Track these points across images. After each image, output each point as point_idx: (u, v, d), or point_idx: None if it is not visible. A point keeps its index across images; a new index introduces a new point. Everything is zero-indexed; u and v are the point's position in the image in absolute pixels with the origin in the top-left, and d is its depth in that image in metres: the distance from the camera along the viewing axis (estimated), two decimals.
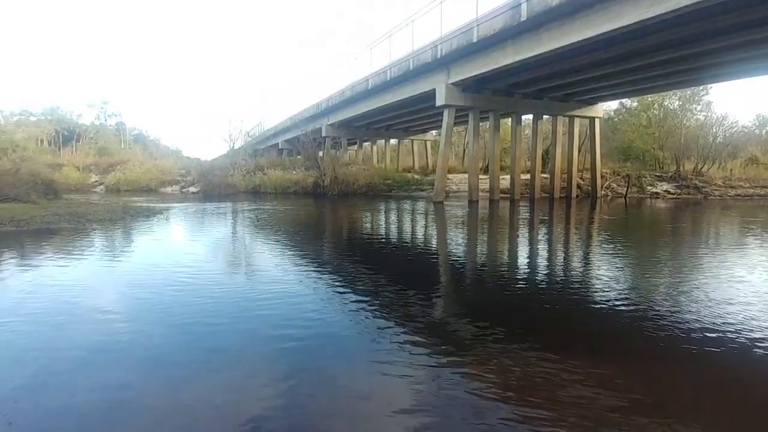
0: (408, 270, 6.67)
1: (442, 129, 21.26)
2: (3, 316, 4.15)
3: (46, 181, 18.62)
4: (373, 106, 25.65)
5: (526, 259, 7.64)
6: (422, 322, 4.05)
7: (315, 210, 17.86)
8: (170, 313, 4.31)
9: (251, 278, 6.05)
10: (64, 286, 5.33)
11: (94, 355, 3.31)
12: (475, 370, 3.02)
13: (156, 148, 59.27)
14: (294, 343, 3.54)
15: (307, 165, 30.26)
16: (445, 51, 17.90)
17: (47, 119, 46.95)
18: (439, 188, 21.01)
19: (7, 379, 2.90)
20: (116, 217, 12.64)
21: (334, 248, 9.00)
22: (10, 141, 35.58)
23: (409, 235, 10.96)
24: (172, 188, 30.60)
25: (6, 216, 11.25)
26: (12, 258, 7.40)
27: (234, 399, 2.67)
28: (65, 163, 34.18)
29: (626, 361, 3.29)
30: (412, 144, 41.54)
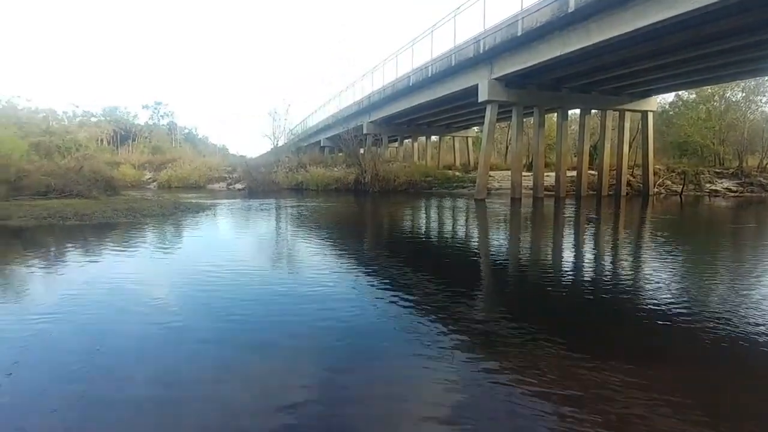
0: (449, 268, 6.61)
1: (485, 125, 20.87)
2: (69, 306, 4.46)
3: (105, 179, 19.82)
4: (414, 103, 25.53)
5: (571, 260, 7.39)
6: (462, 321, 4.00)
7: (356, 207, 18.03)
8: (216, 305, 4.49)
9: (294, 273, 6.19)
10: (121, 278, 5.66)
11: (145, 342, 3.50)
12: (513, 371, 2.95)
13: (204, 146, 61.82)
14: (333, 338, 3.60)
15: (349, 162, 30.55)
16: (488, 45, 17.54)
17: (106, 120, 49.94)
18: (481, 185, 20.66)
19: (70, 362, 3.12)
20: (168, 213, 13.27)
21: (375, 245, 9.06)
22: (74, 141, 38.06)
23: (450, 233, 10.85)
24: (219, 185, 31.74)
25: (71, 211, 12.08)
26: (77, 251, 7.94)
27: (271, 389, 2.74)
28: (122, 161, 36.17)
29: (684, 370, 3.12)
30: (454, 140, 41.05)
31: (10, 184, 15.67)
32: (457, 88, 21.09)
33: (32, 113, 42.33)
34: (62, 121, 45.41)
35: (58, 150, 30.00)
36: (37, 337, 3.61)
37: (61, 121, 45.04)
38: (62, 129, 42.45)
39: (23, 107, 42.02)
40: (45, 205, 12.98)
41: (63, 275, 5.93)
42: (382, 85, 27.82)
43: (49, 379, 2.91)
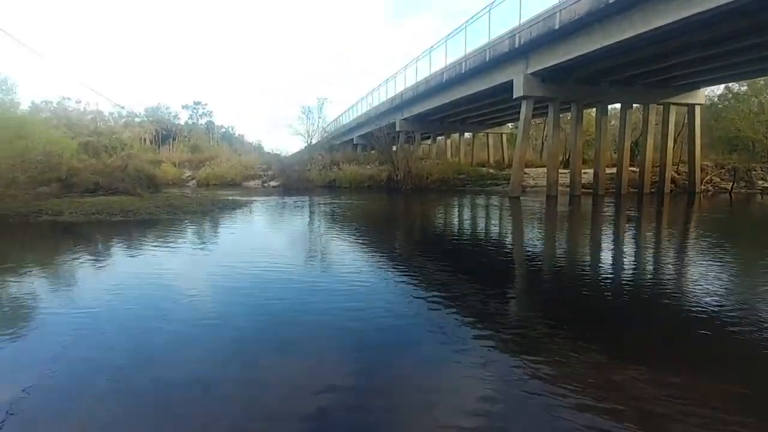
0: (483, 267, 6.51)
1: (520, 121, 20.42)
2: (114, 296, 4.67)
3: (148, 177, 20.65)
4: (447, 100, 25.27)
5: (609, 261, 7.13)
6: (497, 323, 3.92)
7: (388, 204, 18.04)
8: (251, 298, 4.60)
9: (326, 269, 6.24)
10: (163, 271, 5.88)
11: (183, 334, 3.61)
12: (550, 379, 2.86)
13: (240, 145, 63.34)
14: (364, 334, 3.60)
15: (381, 160, 30.59)
16: (523, 40, 17.13)
17: (149, 120, 51.94)
18: (516, 183, 20.25)
19: (116, 347, 3.26)
20: (206, 210, 13.68)
21: (407, 243, 9.03)
22: (119, 140, 39.83)
23: (483, 231, 10.68)
24: (255, 182, 32.44)
25: (117, 208, 12.64)
26: (122, 245, 8.30)
27: (303, 379, 2.77)
28: (164, 159, 37.55)
29: (739, 385, 2.94)
30: (487, 137, 40.40)
31: (62, 181, 16.56)
32: (492, 84, 20.71)
33: (81, 114, 44.59)
34: (108, 121, 47.59)
35: (105, 149, 31.46)
36: (87, 322, 3.83)
37: (107, 122, 47.21)
38: (108, 129, 44.49)
39: (73, 108, 44.32)
40: (93, 202, 13.63)
41: (109, 268, 6.22)
42: (415, 82, 27.68)
43: (97, 359, 3.07)
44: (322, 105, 38.42)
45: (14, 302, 4.69)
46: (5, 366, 3.13)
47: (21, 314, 4.30)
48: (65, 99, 44.84)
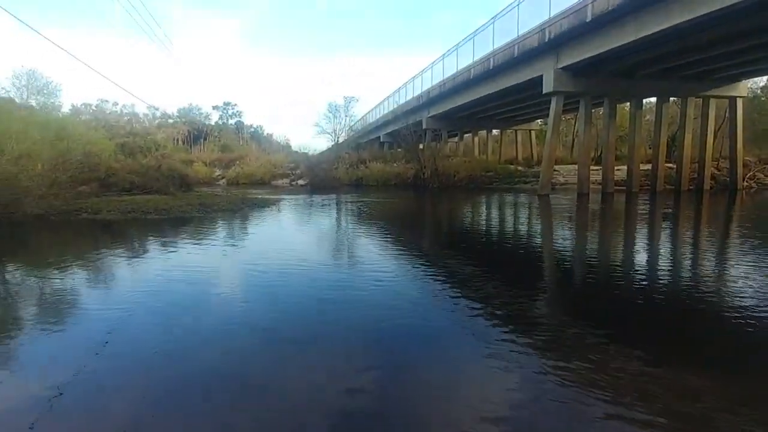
0: (511, 267, 6.40)
1: (549, 117, 19.95)
2: (149, 289, 4.82)
3: (180, 176, 21.23)
4: (474, 97, 24.96)
5: (644, 260, 6.88)
6: (526, 324, 3.84)
7: (415, 202, 17.98)
8: (280, 293, 4.67)
9: (354, 266, 6.26)
10: (196, 267, 6.03)
11: (217, 327, 3.69)
12: (581, 384, 2.77)
13: (269, 144, 64.32)
14: (391, 330, 3.59)
15: (408, 158, 30.52)
16: (554, 33, 16.73)
17: (181, 121, 53.42)
18: (545, 180, 19.82)
19: (155, 344, 3.35)
20: (236, 208, 13.97)
21: (434, 240, 8.97)
22: (153, 141, 41.12)
23: (512, 230, 10.50)
24: (283, 181, 32.91)
25: (151, 206, 13.06)
26: (157, 242, 8.57)
27: (329, 374, 2.78)
28: (195, 159, 38.55)
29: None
30: (516, 134, 39.70)
31: (101, 181, 17.21)
32: (521, 80, 20.32)
33: (118, 116, 46.27)
34: (143, 122, 49.21)
35: (140, 150, 32.55)
36: (124, 315, 3.98)
37: (142, 123, 48.83)
38: (143, 130, 46.00)
39: (110, 111, 46.02)
40: (129, 201, 14.12)
41: (144, 264, 6.43)
42: (442, 80, 27.44)
43: (147, 329, 3.24)
44: (349, 104, 38.66)
45: (57, 296, 4.92)
46: (52, 354, 3.29)
47: (64, 307, 4.50)
48: (103, 101, 46.66)
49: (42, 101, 24.53)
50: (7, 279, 5.82)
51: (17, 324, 4.03)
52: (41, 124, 15.85)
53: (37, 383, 2.80)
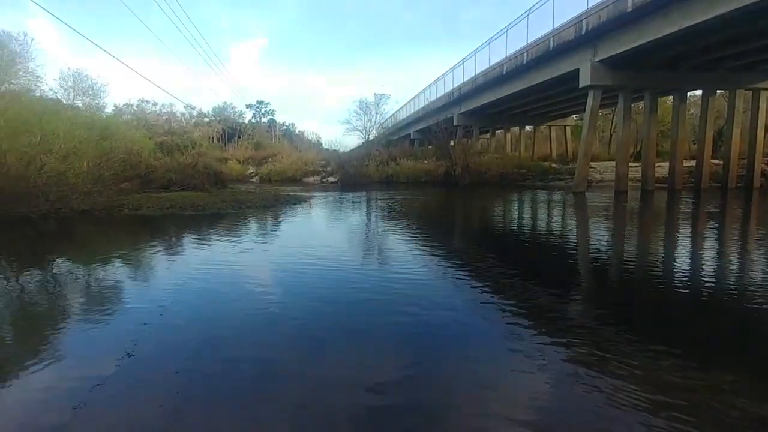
0: (541, 265, 6.23)
1: (586, 112, 19.36)
2: (186, 282, 4.95)
3: (215, 173, 21.77)
4: (507, 92, 24.49)
5: (686, 263, 6.55)
6: (562, 327, 3.72)
7: (446, 200, 17.82)
8: (310, 290, 4.70)
9: (383, 264, 6.25)
10: (229, 262, 6.16)
11: (249, 323, 3.75)
12: (622, 392, 2.65)
13: (300, 141, 65.11)
14: (420, 331, 3.55)
15: (438, 155, 30.30)
16: (591, 25, 16.19)
17: (216, 120, 54.75)
18: (580, 177, 19.26)
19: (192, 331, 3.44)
20: (269, 204, 14.22)
21: (464, 239, 8.86)
22: (190, 139, 42.32)
23: (544, 228, 10.24)
24: (314, 178, 33.28)
25: (188, 202, 13.47)
26: (193, 237, 8.82)
27: (359, 372, 2.76)
28: (229, 157, 39.44)
29: None
30: (550, 130, 38.73)
31: (141, 178, 17.86)
32: (556, 74, 19.78)
33: (157, 115, 47.83)
34: (180, 121, 50.69)
35: (178, 148, 33.53)
36: (169, 300, 4.17)
37: (179, 122, 50.30)
38: (181, 129, 47.37)
39: (150, 111, 47.63)
40: (167, 197, 14.59)
41: (182, 257, 6.63)
42: (474, 75, 27.07)
43: (185, 320, 3.53)
44: (379, 101, 38.68)
45: (102, 286, 5.15)
46: (99, 340, 3.47)
47: (108, 297, 4.70)
48: (144, 102, 48.30)
49: (87, 102, 25.62)
50: (61, 271, 6.11)
51: (71, 312, 4.23)
52: (87, 124, 16.54)
53: (92, 363, 2.93)
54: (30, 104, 14.15)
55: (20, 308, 4.52)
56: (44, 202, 11.50)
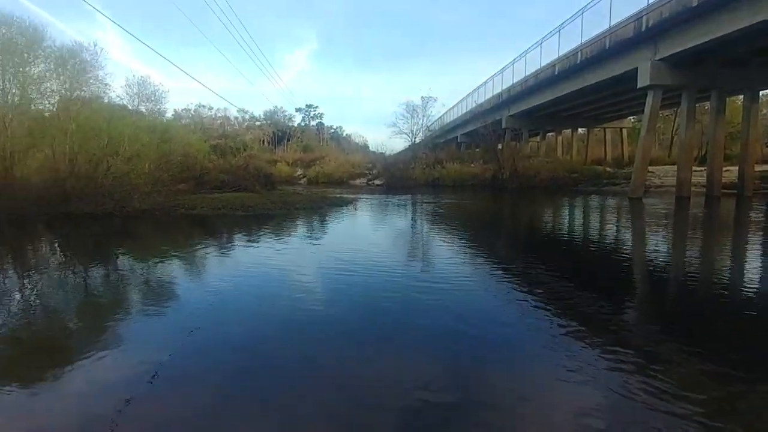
0: (593, 274, 5.92)
1: (645, 113, 18.33)
2: (238, 280, 5.12)
3: (265, 175, 22.46)
4: (559, 93, 23.68)
5: (757, 279, 6.02)
6: (609, 332, 3.51)
7: (492, 204, 17.46)
8: (354, 291, 4.72)
9: (428, 268, 6.18)
10: (276, 262, 6.31)
11: (295, 322, 3.81)
12: (668, 393, 2.45)
13: (348, 144, 66.20)
14: (464, 339, 3.46)
15: (486, 158, 29.81)
16: (652, 22, 15.35)
17: (267, 123, 56.70)
18: (638, 182, 18.25)
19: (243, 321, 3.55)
20: (316, 206, 14.50)
21: (511, 245, 8.62)
22: (242, 142, 44.00)
23: (596, 235, 9.77)
24: (360, 180, 33.65)
25: (239, 203, 13.98)
26: (243, 236, 9.13)
27: (402, 376, 2.72)
28: (279, 159, 40.66)
29: None
30: (604, 132, 37.10)
31: (196, 179, 18.72)
32: (612, 74, 18.91)
33: (213, 119, 50.18)
34: (234, 125, 52.88)
35: (230, 150, 34.95)
36: (220, 296, 4.39)
37: (233, 125, 52.49)
38: (234, 132, 49.43)
39: (206, 115, 50.04)
40: (219, 198, 15.20)
41: (232, 255, 6.89)
42: (524, 77, 26.40)
43: (234, 318, 3.72)
44: (426, 104, 38.59)
45: (159, 282, 5.44)
46: (156, 331, 3.70)
47: (165, 291, 4.99)
48: (200, 106, 50.84)
49: (150, 107, 27.18)
50: (123, 266, 6.50)
51: (131, 304, 4.49)
52: (149, 128, 17.57)
53: (157, 345, 3.09)
54: (99, 110, 15.18)
55: (86, 299, 4.84)
56: (109, 201, 12.30)
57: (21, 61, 13.42)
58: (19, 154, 13.50)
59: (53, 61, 14.20)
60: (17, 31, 13.52)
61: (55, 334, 3.80)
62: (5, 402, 2.63)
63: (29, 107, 14.15)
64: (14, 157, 13.30)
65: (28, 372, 3.08)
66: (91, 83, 14.94)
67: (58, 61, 14.19)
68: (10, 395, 2.71)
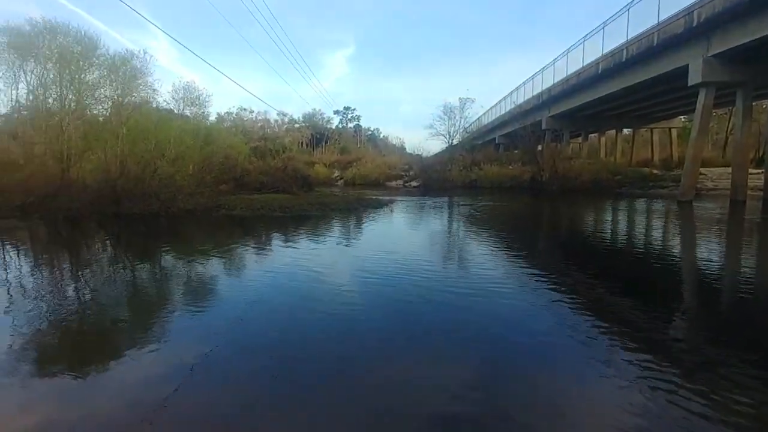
0: (639, 282, 5.65)
1: (696, 112, 17.37)
2: (275, 276, 5.23)
3: (303, 177, 22.91)
4: (602, 93, 22.84)
5: None
6: (655, 342, 3.33)
7: (532, 207, 17.05)
8: (389, 293, 4.71)
9: (464, 272, 6.09)
10: (312, 263, 6.40)
11: (332, 323, 3.85)
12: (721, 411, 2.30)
13: (385, 146, 66.34)
14: (501, 347, 3.38)
15: (525, 160, 29.15)
16: (705, 16, 14.56)
17: (306, 125, 57.69)
18: (688, 185, 17.34)
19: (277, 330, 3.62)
20: (352, 207, 14.62)
21: (551, 250, 8.37)
22: (281, 144, 45.05)
23: (642, 241, 9.34)
24: (396, 182, 33.66)
25: (276, 204, 14.29)
26: (281, 236, 9.33)
27: (436, 381, 2.69)
28: (316, 161, 41.29)
29: None
30: (651, 133, 35.42)
31: (236, 181, 19.31)
32: (660, 72, 18.06)
33: (253, 122, 51.55)
34: (273, 127, 54.13)
35: (270, 152, 35.85)
36: (258, 294, 4.48)
37: (273, 128, 53.74)
38: (273, 134, 50.67)
39: (247, 118, 51.46)
40: (258, 199, 15.60)
41: (271, 255, 7.07)
42: (565, 76, 25.64)
43: (271, 316, 3.93)
44: (464, 105, 38.17)
45: (201, 279, 5.66)
46: (198, 325, 3.86)
47: (207, 288, 5.20)
48: (242, 110, 52.35)
49: (195, 111, 28.27)
50: (168, 263, 6.79)
51: (174, 299, 4.69)
52: (193, 131, 18.29)
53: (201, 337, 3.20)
54: (148, 114, 15.94)
55: (135, 294, 5.09)
56: (156, 202, 12.86)
57: (77, 69, 14.28)
58: (75, 157, 14.36)
59: (106, 69, 15.04)
60: (74, 40, 14.41)
61: (106, 326, 4.02)
62: (58, 388, 2.81)
63: (85, 112, 15.03)
64: (71, 159, 14.16)
65: (79, 360, 3.28)
66: (141, 89, 15.73)
67: (110, 68, 15.02)
68: (62, 382, 2.89)
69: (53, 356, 3.37)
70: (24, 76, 14.53)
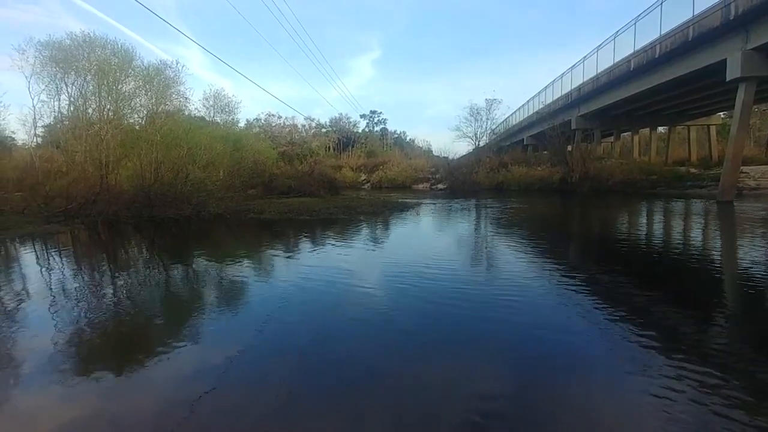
0: (679, 287, 5.45)
1: (736, 108, 16.64)
2: (303, 278, 5.30)
3: (329, 180, 23.17)
4: (635, 90, 22.18)
5: None
6: (697, 350, 3.21)
7: (562, 209, 16.69)
8: (415, 296, 4.70)
9: (491, 276, 6.02)
10: (339, 265, 6.47)
11: (362, 325, 3.88)
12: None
13: (411, 149, 66.24)
14: (532, 355, 3.32)
15: (554, 161, 28.56)
16: (743, 8, 13.96)
17: (333, 130, 58.30)
18: (728, 184, 16.60)
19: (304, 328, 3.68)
20: (378, 211, 14.67)
21: (582, 253, 8.19)
22: (308, 149, 45.65)
23: (680, 243, 8.99)
24: (423, 185, 33.57)
25: (304, 208, 14.49)
26: (308, 239, 9.46)
27: (462, 383, 2.66)
28: (343, 165, 41.65)
29: None
30: (688, 131, 34.09)
31: (265, 185, 19.70)
32: (696, 67, 17.41)
33: (281, 127, 52.45)
34: (301, 132, 54.93)
35: (297, 157, 36.36)
36: (286, 296, 4.61)
37: (300, 133, 54.54)
38: (301, 139, 51.41)
39: (275, 123, 52.42)
40: (286, 203, 15.87)
41: (298, 258, 7.18)
42: (595, 74, 25.05)
43: (300, 317, 3.92)
44: (491, 106, 37.78)
45: (232, 281, 5.80)
46: (230, 326, 4.00)
47: (237, 290, 5.33)
48: (270, 115, 53.37)
49: (224, 118, 29.03)
50: (200, 266, 6.98)
51: (206, 301, 4.83)
52: (223, 137, 18.81)
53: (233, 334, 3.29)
54: (180, 122, 16.47)
55: (168, 295, 5.26)
56: (188, 207, 13.26)
57: (114, 80, 14.91)
58: (113, 164, 14.97)
59: (142, 79, 15.65)
60: (111, 52, 15.05)
61: (141, 326, 4.17)
62: (95, 386, 2.93)
63: (122, 121, 15.66)
64: (109, 166, 14.77)
65: (119, 359, 3.42)
66: (174, 98, 16.30)
67: (145, 79, 15.62)
68: (99, 380, 3.01)
69: (93, 354, 3.53)
70: (65, 87, 15.27)
